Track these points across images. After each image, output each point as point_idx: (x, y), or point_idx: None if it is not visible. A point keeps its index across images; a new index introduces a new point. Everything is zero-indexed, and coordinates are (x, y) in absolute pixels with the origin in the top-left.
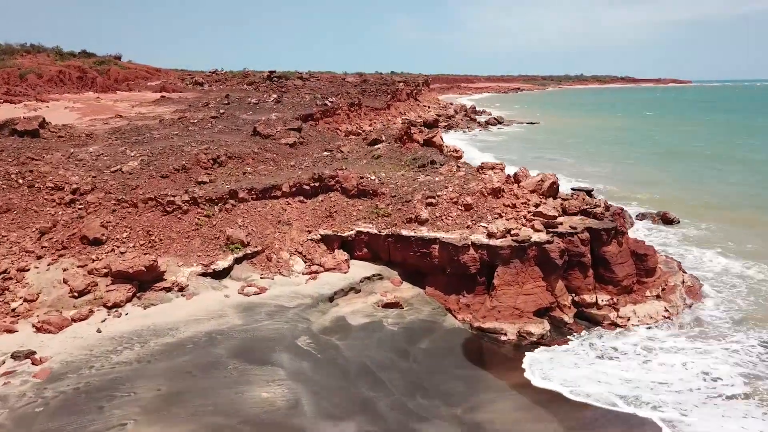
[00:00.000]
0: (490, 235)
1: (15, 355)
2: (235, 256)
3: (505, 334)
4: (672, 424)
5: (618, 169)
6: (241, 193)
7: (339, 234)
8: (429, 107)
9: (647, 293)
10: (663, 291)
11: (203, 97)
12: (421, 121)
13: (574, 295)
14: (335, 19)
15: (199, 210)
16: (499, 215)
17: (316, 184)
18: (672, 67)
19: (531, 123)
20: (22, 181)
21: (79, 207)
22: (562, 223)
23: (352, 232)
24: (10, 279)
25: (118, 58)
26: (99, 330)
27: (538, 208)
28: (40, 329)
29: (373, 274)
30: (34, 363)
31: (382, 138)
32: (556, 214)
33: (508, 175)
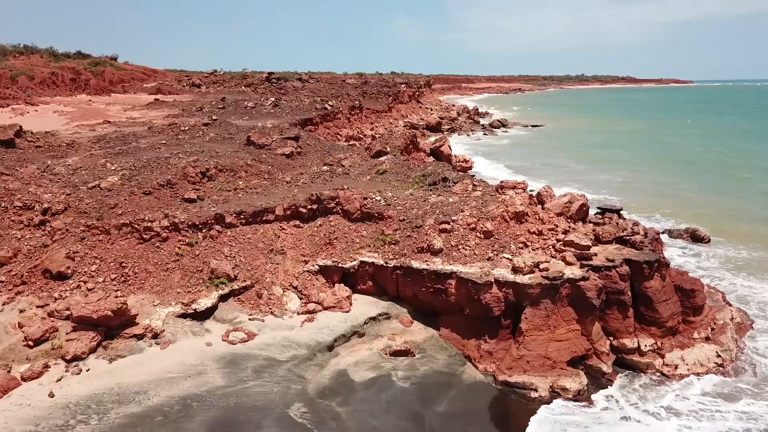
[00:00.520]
0: (516, 269)
1: None
2: (221, 292)
3: (535, 390)
4: None
5: (633, 178)
6: (229, 218)
7: (340, 265)
8: (431, 109)
9: (695, 335)
10: (712, 331)
11: (199, 99)
12: (424, 124)
13: (612, 338)
14: (335, 19)
15: (180, 237)
16: (524, 244)
17: (314, 206)
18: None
19: (535, 126)
20: None
21: (44, 234)
22: (596, 254)
23: (355, 263)
24: None
25: (114, 59)
26: (51, 394)
27: (568, 236)
28: None
29: (379, 314)
30: None
31: (387, 149)
32: (589, 243)
33: (531, 194)
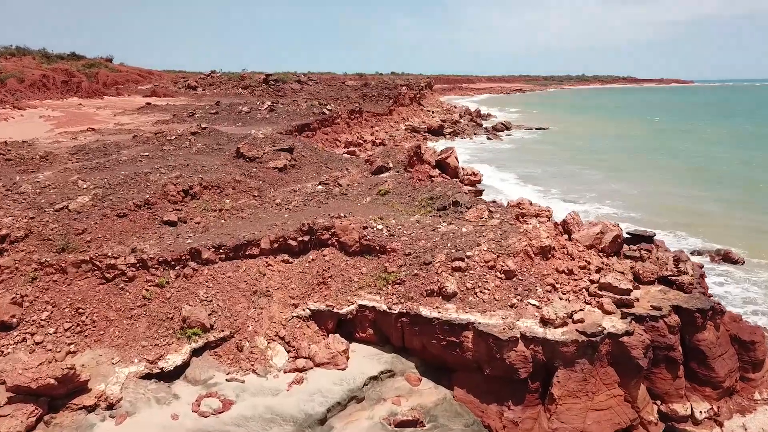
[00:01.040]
0: (546, 321)
1: None
2: (193, 346)
3: None
4: None
5: (648, 188)
6: (206, 253)
7: (335, 310)
8: (433, 112)
9: (755, 395)
10: None
11: (193, 103)
12: (425, 127)
13: (659, 402)
14: (335, 20)
15: (149, 277)
16: (552, 286)
17: (306, 237)
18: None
19: (539, 128)
20: None
21: None
22: (638, 299)
23: (353, 307)
24: None
25: (110, 60)
26: None
27: (603, 277)
28: None
29: (382, 371)
30: None
31: (389, 164)
32: (630, 286)
33: (555, 222)
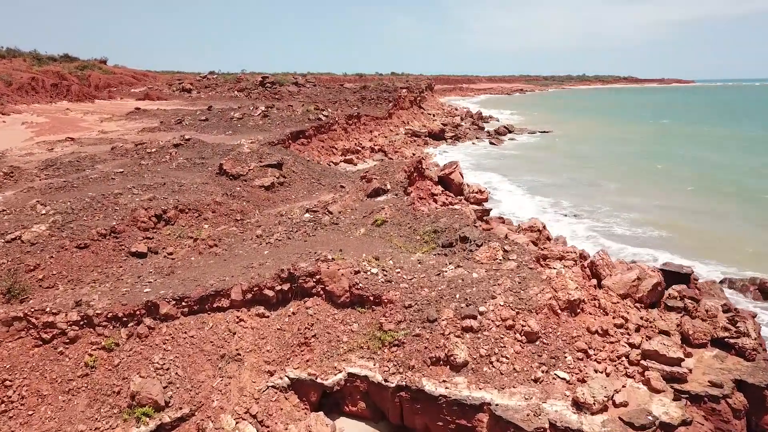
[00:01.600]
0: (580, 405)
1: None
2: (143, 429)
3: None
4: None
5: (664, 201)
6: (165, 307)
7: (319, 380)
8: (434, 115)
9: None
10: None
11: (184, 108)
12: (426, 131)
13: None
14: (335, 19)
15: (95, 337)
16: (585, 353)
17: (285, 286)
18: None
19: (543, 132)
20: None
21: None
22: (690, 370)
23: (341, 376)
24: None
25: (104, 62)
26: None
27: (648, 343)
28: None
29: None
30: None
31: (386, 185)
32: (681, 354)
33: (582, 263)
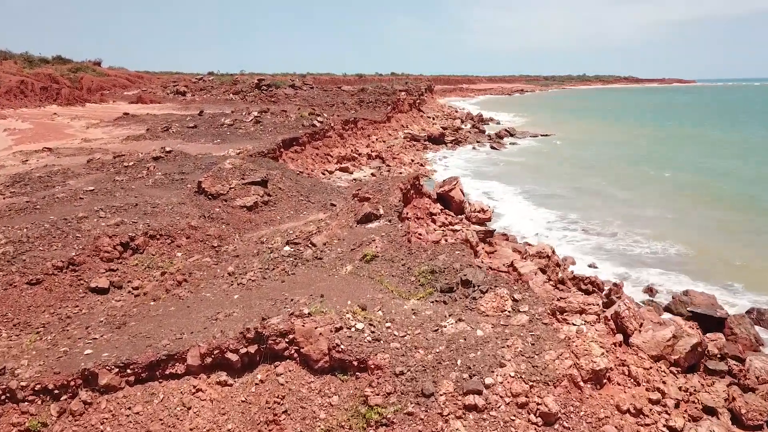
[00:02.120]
0: None
1: None
2: None
3: None
4: None
5: (678, 214)
6: (106, 376)
7: None
8: (433, 118)
9: None
10: None
11: (175, 113)
12: (426, 135)
13: None
14: (335, 20)
15: (17, 416)
16: None
17: (253, 347)
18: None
19: (545, 135)
20: None
21: None
22: None
23: None
24: None
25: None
26: None
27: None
28: None
29: None
30: None
31: (379, 210)
32: None
33: (605, 315)
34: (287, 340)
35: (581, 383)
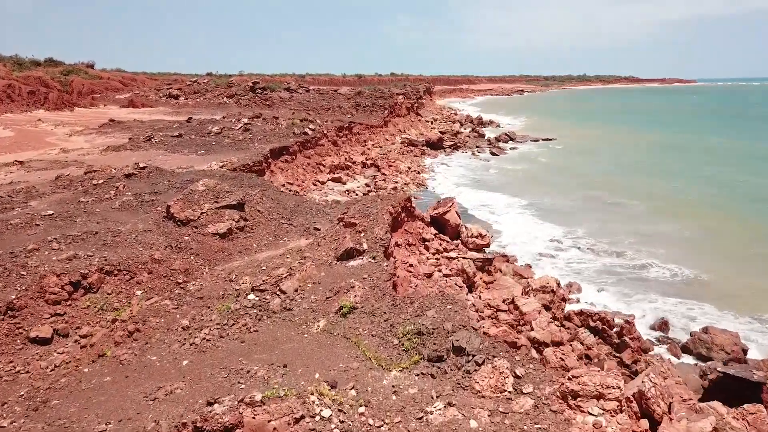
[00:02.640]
0: None
1: None
2: None
3: None
4: None
5: (695, 232)
6: None
7: None
8: (432, 122)
9: None
10: None
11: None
12: (424, 140)
13: None
14: (334, 20)
15: None
16: None
17: None
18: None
19: (546, 139)
20: None
21: None
22: None
23: None
24: None
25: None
26: None
27: None
28: None
29: None
30: None
31: (362, 245)
32: None
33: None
34: None
35: None
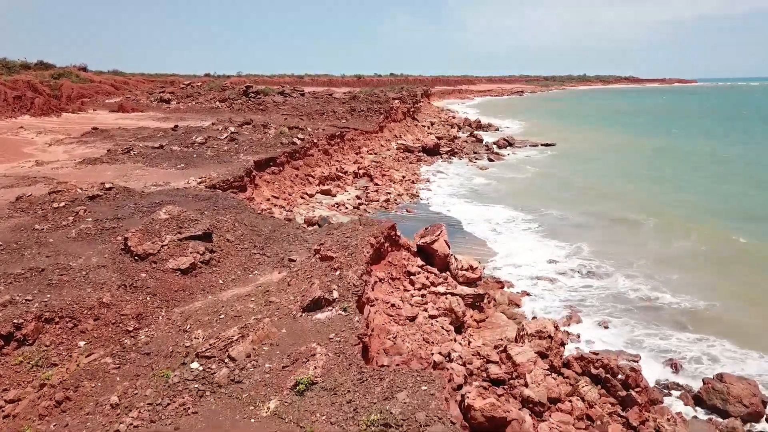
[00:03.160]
0: None
1: None
2: None
3: None
4: None
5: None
6: None
7: None
8: (429, 126)
9: None
10: None
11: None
12: (420, 146)
13: None
14: (334, 20)
15: None
16: None
17: None
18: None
19: (546, 144)
20: None
21: None
22: None
23: None
24: None
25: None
26: None
27: None
28: None
29: None
30: None
31: (332, 293)
32: None
33: None
34: None
35: None
